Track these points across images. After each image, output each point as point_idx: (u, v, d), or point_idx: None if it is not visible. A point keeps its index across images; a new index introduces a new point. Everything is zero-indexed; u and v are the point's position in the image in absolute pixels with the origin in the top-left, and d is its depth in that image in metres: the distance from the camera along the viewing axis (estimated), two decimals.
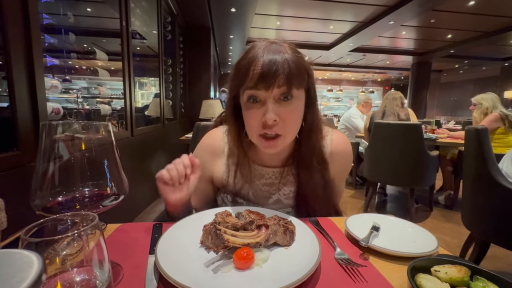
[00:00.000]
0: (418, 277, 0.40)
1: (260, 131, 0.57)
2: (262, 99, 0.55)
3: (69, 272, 0.30)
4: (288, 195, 0.70)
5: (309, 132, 0.64)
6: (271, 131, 0.56)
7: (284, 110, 0.55)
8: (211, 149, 0.72)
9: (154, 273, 0.41)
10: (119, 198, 0.39)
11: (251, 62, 0.55)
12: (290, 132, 0.59)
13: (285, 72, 0.53)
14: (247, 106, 0.58)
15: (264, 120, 0.55)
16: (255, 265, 0.42)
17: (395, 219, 0.61)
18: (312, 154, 0.65)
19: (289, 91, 0.54)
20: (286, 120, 0.56)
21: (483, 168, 1.36)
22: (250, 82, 0.54)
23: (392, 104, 2.56)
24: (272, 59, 0.53)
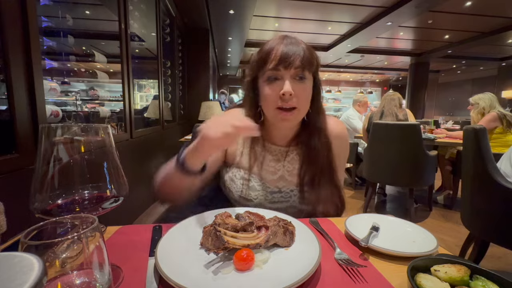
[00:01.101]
0: (418, 276, 0.40)
1: (277, 104, 0.67)
2: (280, 78, 0.66)
3: (69, 275, 0.30)
4: (292, 172, 0.77)
5: (315, 113, 0.74)
6: (288, 104, 0.66)
7: (298, 87, 0.66)
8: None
9: (154, 275, 0.41)
10: (119, 201, 0.39)
11: (273, 48, 0.67)
12: (303, 106, 0.69)
13: (301, 56, 0.65)
14: (266, 84, 0.68)
15: (282, 93, 0.64)
16: (255, 266, 0.42)
17: (394, 219, 0.62)
18: (319, 132, 0.74)
19: (303, 72, 0.66)
20: (299, 95, 0.66)
21: (481, 168, 1.36)
22: (272, 63, 0.66)
23: (390, 104, 2.58)
24: (291, 46, 0.66)
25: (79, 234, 0.27)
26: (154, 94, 3.16)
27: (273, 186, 0.76)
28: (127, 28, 1.76)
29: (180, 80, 3.77)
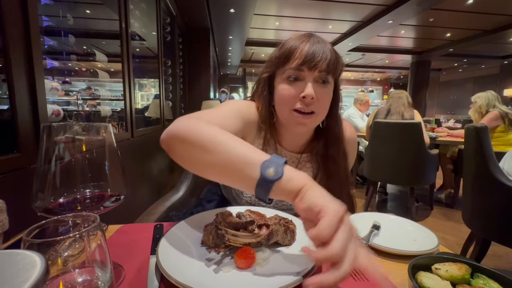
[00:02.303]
0: (419, 275, 0.40)
1: (294, 106, 0.62)
2: (302, 79, 0.62)
3: (71, 273, 0.30)
4: None
5: (333, 121, 0.69)
6: (308, 108, 0.61)
7: (320, 92, 0.62)
8: (247, 118, 0.67)
9: (155, 273, 0.41)
10: (120, 199, 0.39)
11: (297, 45, 0.62)
12: (321, 112, 0.64)
13: (327, 58, 0.60)
14: (286, 83, 0.63)
15: (303, 96, 0.60)
16: (256, 265, 0.43)
17: (395, 217, 0.62)
18: (338, 142, 0.70)
19: (327, 76, 0.62)
20: (321, 100, 0.62)
21: (483, 167, 1.36)
22: (295, 61, 0.61)
23: (398, 103, 2.52)
24: (318, 46, 0.61)
25: (81, 233, 0.27)
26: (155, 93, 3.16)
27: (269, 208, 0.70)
28: (127, 27, 1.76)
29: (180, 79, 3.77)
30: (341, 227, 0.32)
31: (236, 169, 0.41)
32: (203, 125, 0.48)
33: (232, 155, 0.42)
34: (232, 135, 0.46)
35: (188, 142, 0.46)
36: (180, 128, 0.48)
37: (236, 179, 0.42)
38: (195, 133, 0.46)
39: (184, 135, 0.47)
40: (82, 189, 0.39)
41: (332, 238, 0.31)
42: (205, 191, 0.90)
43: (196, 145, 0.45)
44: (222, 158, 0.42)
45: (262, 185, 0.38)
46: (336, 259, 0.30)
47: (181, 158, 0.49)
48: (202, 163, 0.46)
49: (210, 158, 0.43)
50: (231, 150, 0.42)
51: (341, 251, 0.30)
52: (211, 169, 0.45)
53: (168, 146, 0.50)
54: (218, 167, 0.43)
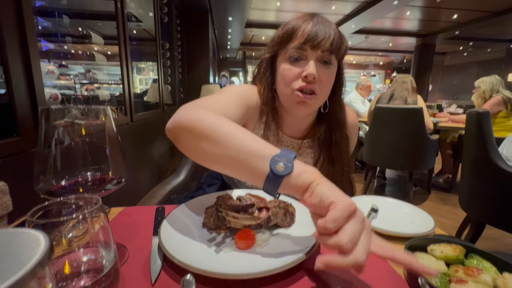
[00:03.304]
0: (414, 255, 0.41)
1: (297, 85, 0.61)
2: (304, 58, 0.60)
3: (76, 252, 0.31)
4: None
5: (336, 105, 0.68)
6: (309, 87, 0.60)
7: (323, 72, 0.60)
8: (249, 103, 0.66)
9: (158, 253, 0.42)
10: (122, 182, 0.40)
11: (300, 24, 0.60)
12: (322, 94, 0.63)
13: (331, 38, 0.59)
14: (288, 63, 0.62)
15: (305, 75, 0.59)
16: (256, 246, 0.44)
17: (393, 200, 0.63)
18: (340, 127, 0.70)
19: (330, 56, 0.60)
20: (322, 81, 0.61)
21: (483, 152, 1.36)
22: (297, 40, 0.60)
23: (401, 87, 2.48)
24: (321, 26, 0.60)
25: (84, 214, 0.27)
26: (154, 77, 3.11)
27: None
28: (123, 7, 1.69)
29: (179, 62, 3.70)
30: (352, 220, 0.32)
31: (244, 163, 0.40)
32: (210, 115, 0.46)
33: (241, 148, 0.41)
34: (240, 127, 0.45)
35: (195, 133, 0.45)
36: (185, 118, 0.47)
37: (244, 173, 0.42)
38: (201, 123, 0.45)
39: (190, 126, 0.45)
40: (84, 172, 0.39)
41: (340, 230, 0.31)
42: (205, 175, 0.91)
43: (203, 137, 0.44)
44: (230, 151, 0.41)
45: (271, 180, 0.38)
46: (343, 250, 0.30)
47: (187, 149, 0.48)
48: (209, 155, 0.45)
49: (218, 151, 0.42)
50: (240, 143, 0.41)
51: (348, 242, 0.30)
52: (218, 162, 0.44)
53: (174, 136, 0.49)
54: (226, 160, 0.43)
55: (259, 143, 0.42)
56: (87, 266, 0.31)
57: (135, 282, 0.37)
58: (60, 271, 0.30)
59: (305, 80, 0.60)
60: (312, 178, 0.37)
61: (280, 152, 0.39)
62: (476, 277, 0.35)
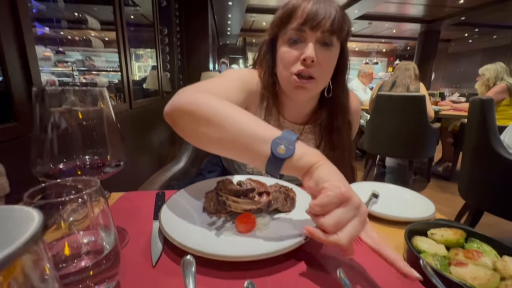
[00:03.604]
0: (414, 239, 0.41)
1: (295, 69, 0.59)
2: (303, 40, 0.58)
3: (76, 235, 0.31)
4: None
5: (339, 90, 0.66)
6: (307, 71, 0.58)
7: (322, 55, 0.58)
8: (250, 87, 0.65)
9: (158, 236, 0.42)
10: (120, 165, 0.39)
11: (301, 4, 0.58)
12: (322, 78, 0.61)
13: (331, 17, 0.56)
14: (287, 45, 0.60)
15: (304, 58, 0.56)
16: (256, 229, 0.44)
17: (394, 187, 0.62)
18: (343, 112, 0.68)
19: (331, 37, 0.57)
20: (322, 64, 0.58)
21: (484, 139, 1.35)
22: (296, 21, 0.57)
23: (404, 74, 2.44)
24: (322, 4, 0.56)
25: (83, 195, 0.27)
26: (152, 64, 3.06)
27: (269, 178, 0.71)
28: None
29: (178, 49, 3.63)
30: (342, 206, 0.33)
31: (245, 145, 0.40)
32: (209, 98, 0.45)
33: (242, 131, 0.40)
34: (240, 109, 0.44)
35: (195, 116, 0.44)
36: (184, 101, 0.46)
37: (246, 156, 0.42)
38: (201, 107, 0.43)
39: (189, 109, 0.44)
40: (82, 155, 0.38)
41: (327, 213, 0.33)
42: (205, 162, 0.90)
43: (203, 121, 0.43)
44: (231, 135, 0.41)
45: (273, 162, 0.38)
46: (326, 232, 0.32)
47: (187, 133, 0.47)
48: (209, 139, 0.44)
49: (218, 134, 0.42)
50: (240, 126, 0.40)
51: (331, 225, 0.32)
52: (219, 146, 0.44)
53: (172, 120, 0.48)
54: (227, 144, 0.42)
55: (260, 126, 0.41)
56: (87, 248, 0.31)
57: (136, 264, 0.37)
58: (60, 253, 0.30)
59: (303, 64, 0.57)
60: (313, 160, 0.37)
61: (282, 134, 0.39)
62: (476, 260, 0.35)
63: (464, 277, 0.32)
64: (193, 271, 0.27)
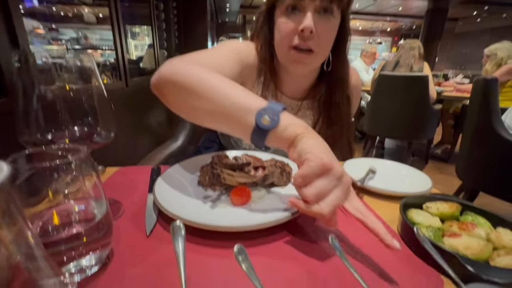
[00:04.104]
0: (409, 212, 0.41)
1: (292, 42, 0.56)
2: (301, 9, 0.55)
3: (67, 204, 0.31)
4: None
5: (339, 63, 0.64)
6: (305, 44, 0.55)
7: (322, 26, 0.54)
8: (246, 61, 0.63)
9: (153, 208, 0.42)
10: (110, 136, 0.38)
11: None
12: (321, 51, 0.58)
13: None
14: (284, 15, 0.56)
15: (301, 30, 0.53)
16: (251, 202, 0.44)
17: (391, 163, 0.62)
18: (342, 87, 0.66)
19: (330, 5, 0.54)
20: (321, 36, 0.55)
21: (486, 120, 1.34)
22: None
23: (408, 54, 2.37)
24: None
25: (69, 161, 0.26)
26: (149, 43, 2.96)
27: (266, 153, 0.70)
28: None
29: (175, 26, 3.49)
30: (324, 176, 0.32)
31: (231, 116, 0.39)
32: (198, 69, 0.44)
33: (228, 102, 0.39)
34: (228, 80, 0.43)
35: (181, 87, 0.43)
36: (172, 72, 0.44)
37: (232, 127, 0.41)
38: (188, 78, 0.42)
39: (176, 80, 0.43)
40: (71, 126, 0.37)
41: (309, 184, 0.32)
42: (203, 139, 0.89)
43: (189, 91, 0.42)
44: (218, 105, 0.40)
45: (257, 133, 0.37)
46: (307, 202, 0.32)
47: (174, 104, 0.47)
48: (197, 111, 0.43)
49: (205, 105, 0.41)
50: (227, 97, 0.40)
51: (311, 196, 0.32)
52: (206, 116, 0.43)
53: (159, 91, 0.47)
54: (213, 114, 0.41)
55: (246, 97, 0.40)
56: (79, 217, 0.31)
57: (130, 235, 0.37)
58: (50, 221, 0.29)
59: (301, 36, 0.54)
60: (298, 131, 0.36)
61: (267, 105, 0.38)
62: (470, 231, 0.35)
63: (457, 247, 0.32)
64: (182, 235, 0.27)
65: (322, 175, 0.32)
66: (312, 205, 0.32)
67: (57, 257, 0.28)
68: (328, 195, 0.32)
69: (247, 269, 0.24)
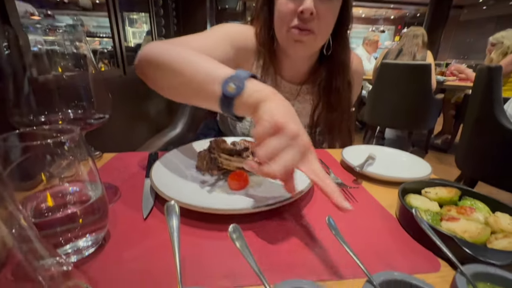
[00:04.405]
0: (407, 197, 0.41)
1: (292, 23, 0.55)
2: None
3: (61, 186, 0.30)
4: (301, 113, 0.69)
5: (340, 46, 0.62)
6: (304, 26, 0.54)
7: (322, 7, 0.53)
8: (241, 44, 0.62)
9: (150, 192, 0.42)
10: (104, 118, 0.37)
11: None
12: (322, 33, 0.57)
13: None
14: None
15: (301, 11, 0.52)
16: (249, 187, 0.43)
17: (391, 150, 0.61)
18: (343, 71, 0.64)
19: None
20: (321, 18, 0.54)
21: (487, 109, 1.32)
22: None
23: (411, 42, 2.31)
24: None
25: (60, 140, 0.25)
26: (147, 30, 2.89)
27: None
28: None
29: (174, 12, 3.41)
30: (276, 136, 0.31)
31: (199, 88, 0.40)
32: (172, 47, 0.46)
33: (196, 74, 0.40)
34: (200, 54, 0.44)
35: (156, 65, 0.45)
36: (147, 52, 0.46)
37: (201, 98, 0.41)
38: (161, 55, 0.44)
39: (151, 59, 0.45)
40: (64, 107, 0.36)
41: (262, 143, 0.32)
42: (202, 126, 0.89)
43: (163, 68, 0.44)
44: (187, 79, 0.41)
45: (224, 101, 0.37)
46: (261, 162, 0.31)
47: (153, 82, 0.48)
48: (170, 86, 0.45)
49: (177, 80, 0.42)
50: (196, 69, 0.40)
51: (262, 155, 0.31)
52: (178, 91, 0.45)
53: (141, 73, 0.49)
54: (184, 88, 0.43)
55: (215, 67, 0.40)
56: (74, 198, 0.30)
57: (127, 217, 0.37)
58: (44, 202, 0.29)
59: (301, 17, 0.53)
60: (263, 97, 0.35)
61: (235, 72, 0.37)
62: (468, 215, 0.35)
63: (454, 230, 0.32)
64: (176, 213, 0.27)
65: (275, 135, 0.31)
66: (263, 166, 0.31)
67: (53, 239, 0.28)
68: (280, 155, 0.30)
69: (241, 247, 0.24)
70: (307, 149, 0.32)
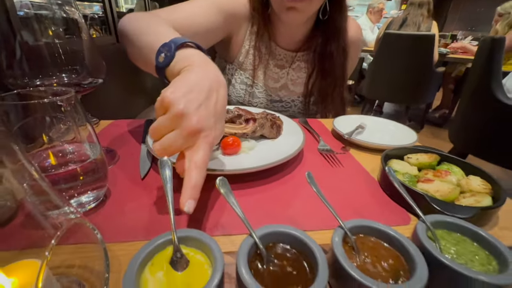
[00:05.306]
0: (390, 162, 0.43)
1: None
2: None
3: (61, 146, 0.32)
4: (296, 81, 0.70)
5: (336, 11, 0.60)
6: None
7: None
8: (231, 10, 0.61)
9: (147, 156, 0.44)
10: (98, 82, 0.38)
11: None
12: None
13: None
14: None
15: None
16: (241, 152, 0.45)
17: (380, 119, 0.63)
18: (338, 36, 0.63)
19: None
20: None
21: (485, 81, 1.32)
22: None
23: (417, 12, 2.21)
24: None
25: (56, 100, 0.27)
26: None
27: (274, 95, 0.70)
28: None
29: None
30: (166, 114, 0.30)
31: (146, 57, 0.41)
32: (144, 18, 0.48)
33: (146, 44, 0.42)
34: (161, 24, 0.45)
35: (125, 35, 0.48)
36: (121, 22, 0.50)
37: (149, 69, 0.42)
38: (129, 26, 0.48)
39: (122, 29, 0.49)
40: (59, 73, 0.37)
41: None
42: None
43: (128, 39, 0.47)
44: (140, 48, 0.44)
45: (158, 71, 0.37)
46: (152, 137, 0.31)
47: (129, 54, 0.51)
48: (132, 56, 0.49)
49: (135, 51, 0.46)
50: (146, 39, 0.42)
51: (149, 131, 0.31)
52: (138, 62, 0.48)
53: (120, 41, 0.52)
54: (139, 57, 0.45)
55: (158, 37, 0.40)
56: (73, 157, 0.32)
57: (125, 178, 0.39)
58: (46, 160, 0.31)
59: None
60: (185, 65, 0.33)
61: (168, 41, 0.36)
62: (443, 177, 0.38)
63: (428, 190, 0.35)
64: (169, 165, 0.29)
65: (164, 111, 0.30)
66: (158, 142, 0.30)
67: None
68: (164, 136, 0.29)
69: (226, 194, 0.26)
70: (192, 134, 0.29)
